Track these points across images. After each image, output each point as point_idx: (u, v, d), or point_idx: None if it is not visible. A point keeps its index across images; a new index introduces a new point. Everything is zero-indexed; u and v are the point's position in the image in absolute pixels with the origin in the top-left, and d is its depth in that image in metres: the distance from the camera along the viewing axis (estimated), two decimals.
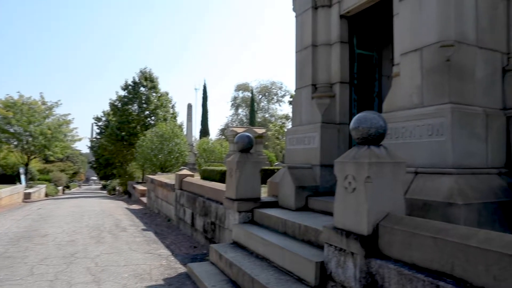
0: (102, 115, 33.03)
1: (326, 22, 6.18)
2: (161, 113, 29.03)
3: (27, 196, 20.49)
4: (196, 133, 42.08)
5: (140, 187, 18.98)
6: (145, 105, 28.66)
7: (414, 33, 4.24)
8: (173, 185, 10.60)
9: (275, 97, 50.71)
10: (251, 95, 46.15)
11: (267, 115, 49.39)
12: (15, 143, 26.42)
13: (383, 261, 2.82)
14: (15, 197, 18.31)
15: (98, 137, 34.59)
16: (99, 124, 33.34)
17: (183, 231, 9.15)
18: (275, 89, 50.50)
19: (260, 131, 17.12)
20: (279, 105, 50.77)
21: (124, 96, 29.14)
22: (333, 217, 3.36)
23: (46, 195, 25.91)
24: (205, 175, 11.04)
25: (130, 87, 29.32)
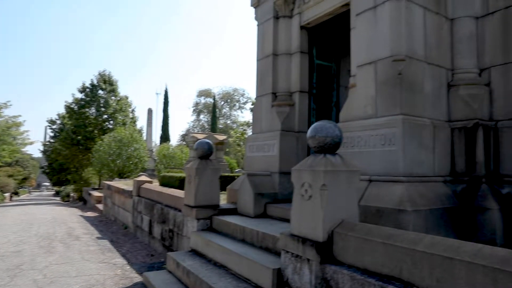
0: (57, 118, 31.61)
1: (287, 32, 6.31)
2: (120, 117, 28.29)
3: None
4: (156, 139, 41.28)
5: (96, 194, 18.28)
6: (103, 109, 27.81)
7: (369, 46, 4.43)
8: (131, 191, 10.32)
9: (237, 104, 50.81)
10: (213, 101, 45.97)
11: (229, 122, 49.33)
12: None
13: (337, 267, 2.89)
14: None
15: (51, 140, 33.05)
16: (53, 127, 31.89)
17: (140, 239, 8.91)
18: (237, 96, 50.63)
19: (221, 137, 17.09)
20: (241, 112, 50.96)
21: (81, 98, 28.12)
22: (290, 224, 3.42)
23: None
24: (164, 182, 10.84)
25: (87, 89, 28.35)
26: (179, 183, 9.50)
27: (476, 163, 4.18)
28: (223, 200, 6.51)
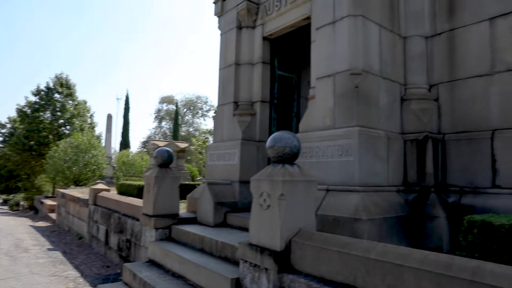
0: (7, 122, 29.83)
1: (249, 42, 6.39)
2: (77, 122, 27.24)
3: None
4: (116, 145, 40.02)
5: (49, 202, 17.37)
6: (59, 113, 26.63)
7: (328, 60, 4.57)
8: (87, 200, 9.93)
9: (200, 112, 50.35)
10: (175, 108, 45.30)
11: (191, 129, 48.74)
12: None
13: (294, 276, 2.93)
14: None
15: (0, 145, 31.10)
16: (3, 131, 30.01)
17: (96, 250, 8.56)
18: (200, 104, 50.20)
19: (182, 145, 16.86)
20: (204, 120, 50.52)
21: (35, 102, 26.79)
22: (249, 233, 3.43)
23: None
24: (123, 190, 10.50)
25: (42, 92, 27.04)
26: (138, 192, 9.23)
27: (426, 174, 4.41)
28: (183, 209, 6.42)
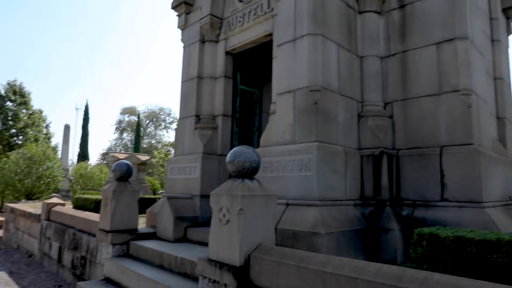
0: None
1: (212, 56, 6.42)
2: (31, 132, 26.02)
3: None
4: (74, 157, 38.36)
5: None
6: (11, 122, 25.31)
7: (288, 76, 4.68)
8: (39, 215, 9.42)
9: (162, 124, 49.45)
10: (137, 120, 44.26)
11: (153, 141, 47.73)
12: None
13: None
14: None
15: None
16: None
17: (48, 268, 8.11)
18: (163, 115, 49.36)
19: (144, 158, 16.48)
20: (167, 132, 49.60)
21: None
22: (208, 248, 3.39)
23: None
24: (79, 204, 10.07)
25: None
26: (95, 206, 8.88)
27: (381, 188, 4.58)
28: (143, 223, 6.25)
